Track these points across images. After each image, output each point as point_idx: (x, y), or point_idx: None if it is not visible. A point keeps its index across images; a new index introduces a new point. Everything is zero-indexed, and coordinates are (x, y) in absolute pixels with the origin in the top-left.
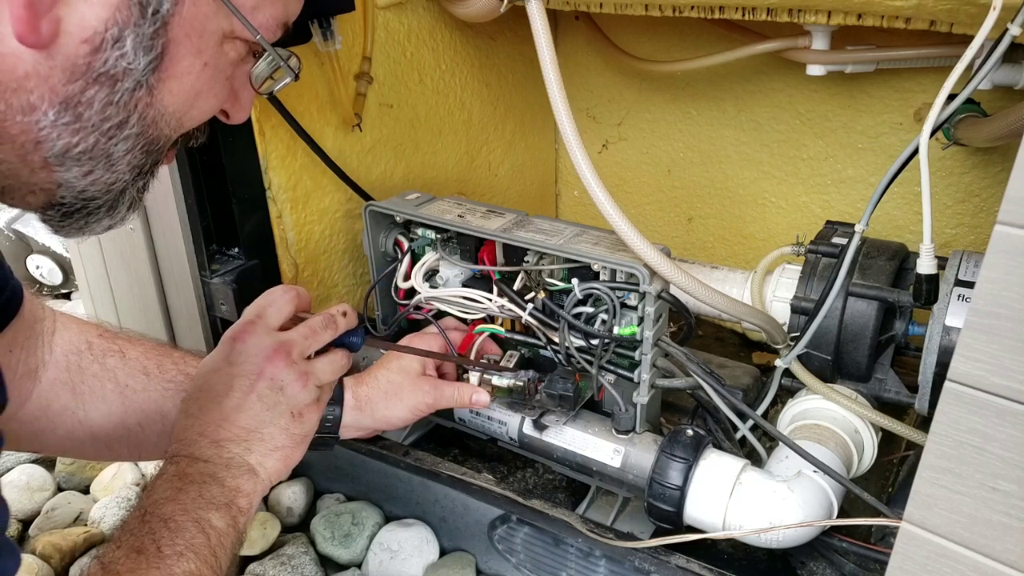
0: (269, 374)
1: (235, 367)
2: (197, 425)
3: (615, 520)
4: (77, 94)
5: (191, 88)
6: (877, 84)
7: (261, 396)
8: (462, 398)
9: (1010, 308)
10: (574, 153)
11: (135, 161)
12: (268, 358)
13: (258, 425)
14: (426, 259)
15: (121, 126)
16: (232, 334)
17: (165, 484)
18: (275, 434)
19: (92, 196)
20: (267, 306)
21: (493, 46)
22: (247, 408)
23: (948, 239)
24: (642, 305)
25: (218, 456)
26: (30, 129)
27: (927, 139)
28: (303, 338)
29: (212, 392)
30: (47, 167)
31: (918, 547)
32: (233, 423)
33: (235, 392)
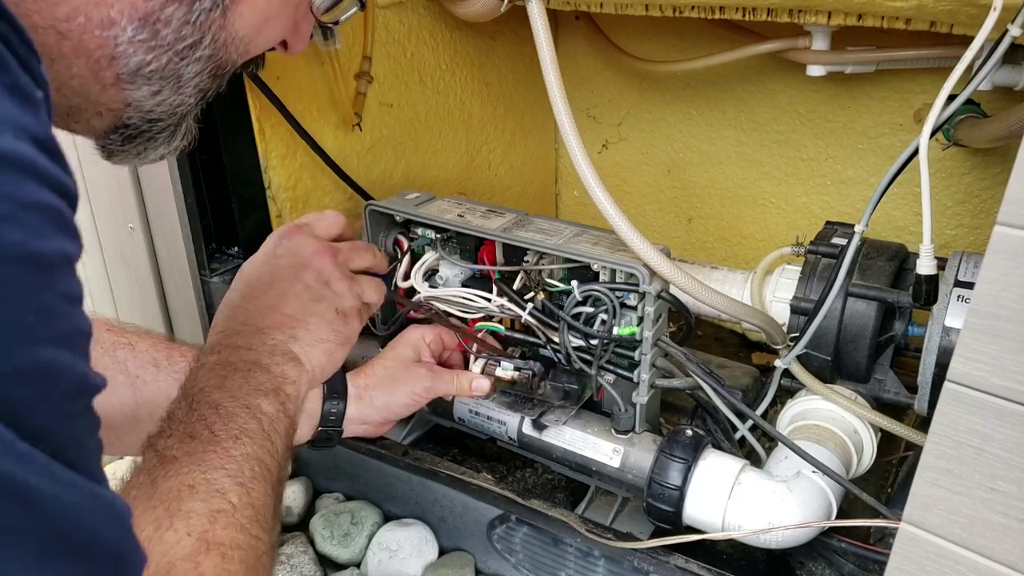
0: (316, 266)
1: (281, 259)
2: (239, 314)
3: (614, 520)
4: (156, 11)
5: (261, 13)
6: (877, 85)
7: (307, 286)
8: (461, 385)
9: (1010, 309)
10: (574, 153)
11: (202, 84)
12: (315, 252)
13: (303, 314)
14: (426, 259)
15: (194, 47)
16: (279, 232)
17: (208, 373)
18: (320, 326)
19: (158, 118)
20: (316, 220)
21: (493, 46)
22: (292, 296)
23: (948, 240)
24: (642, 305)
25: (261, 343)
26: (107, 44)
27: (927, 140)
28: (347, 250)
29: (256, 283)
30: (118, 84)
31: (917, 547)
32: (277, 310)
33: (280, 281)
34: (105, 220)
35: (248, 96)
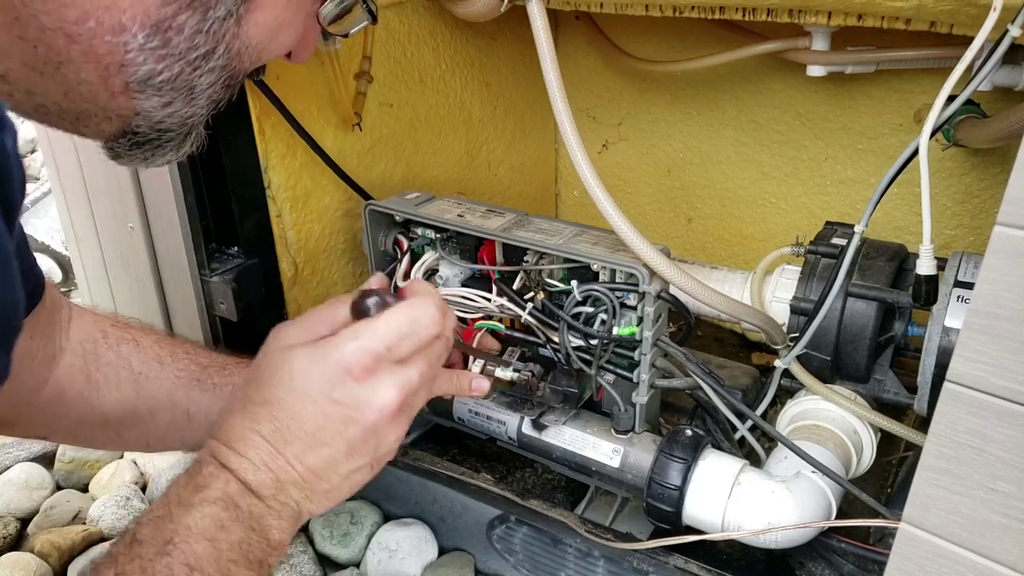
0: (375, 430)
1: (338, 408)
2: (264, 449)
3: (614, 520)
4: (169, 18)
5: (275, 20)
6: (877, 85)
7: (353, 447)
8: (461, 385)
9: (1009, 309)
10: (574, 153)
11: (215, 95)
12: (384, 416)
13: (330, 473)
14: (426, 258)
15: (207, 56)
16: (347, 361)
17: (207, 508)
18: (343, 486)
19: (167, 128)
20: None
21: (493, 46)
22: (332, 459)
23: (947, 240)
24: (641, 305)
25: (274, 498)
26: (117, 50)
27: (927, 140)
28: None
29: (296, 423)
30: (127, 92)
31: (916, 548)
32: (307, 467)
33: (326, 438)
34: (105, 220)
35: (248, 96)
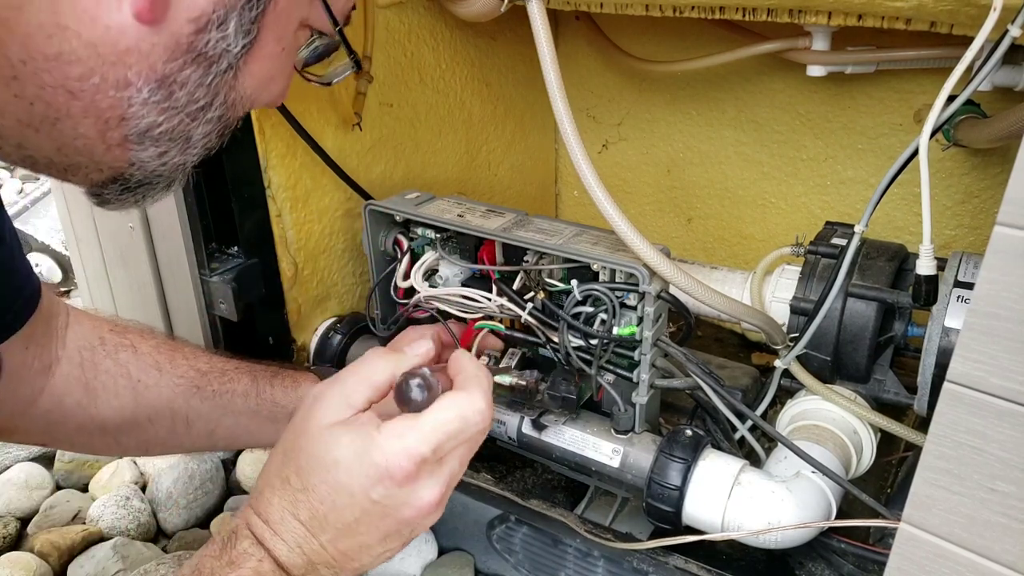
0: (412, 523)
1: (377, 507)
2: (300, 533)
3: (614, 520)
4: (174, 73)
5: (268, 72)
6: (877, 85)
7: (387, 536)
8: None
9: (1009, 309)
10: (574, 153)
11: (209, 144)
12: (422, 513)
13: (363, 555)
14: (426, 258)
15: (205, 108)
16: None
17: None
18: (372, 563)
19: (159, 175)
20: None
21: (493, 46)
22: (364, 545)
23: (947, 240)
24: (641, 305)
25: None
26: (119, 104)
27: (927, 140)
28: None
29: (334, 514)
30: (124, 144)
31: (916, 548)
32: (339, 550)
33: (362, 530)
34: (105, 220)
35: None
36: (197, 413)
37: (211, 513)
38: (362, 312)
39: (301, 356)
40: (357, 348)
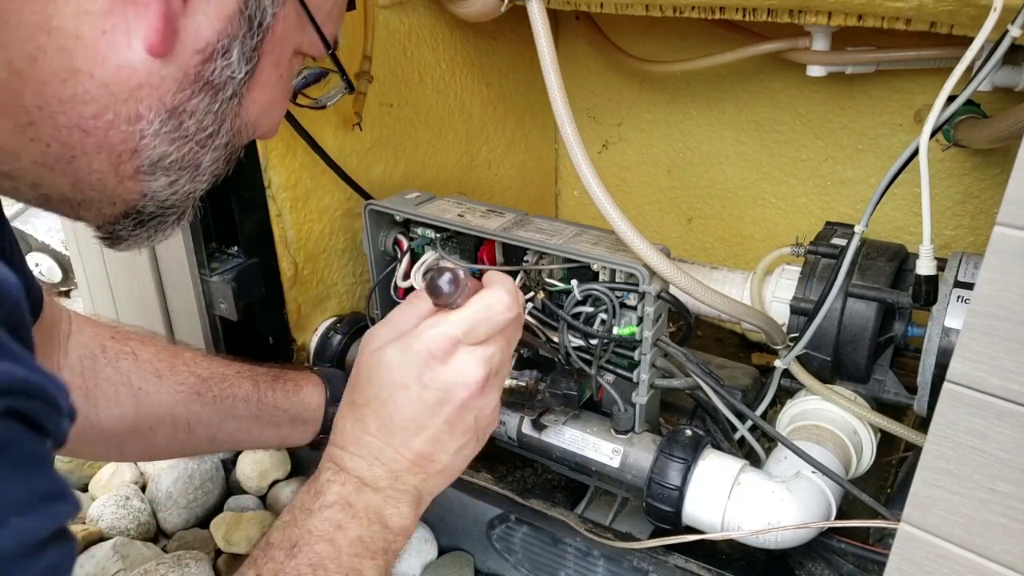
0: (469, 405)
1: (429, 391)
2: (374, 445)
3: (613, 520)
4: (183, 103)
5: (269, 98)
6: (877, 85)
7: (454, 428)
8: None
9: (1009, 309)
10: (574, 153)
11: (217, 171)
12: (472, 391)
13: (439, 453)
14: (426, 258)
15: (213, 136)
16: (430, 348)
17: (325, 512)
18: (455, 463)
19: (171, 204)
20: (483, 322)
21: (493, 45)
22: (436, 440)
23: (947, 240)
24: (641, 305)
25: (390, 487)
26: (131, 138)
27: (927, 140)
28: (503, 356)
29: (397, 413)
30: (136, 176)
31: (916, 548)
32: (415, 452)
33: (426, 421)
34: None
35: None
36: (198, 419)
37: (211, 513)
38: (362, 312)
39: (301, 356)
40: (357, 348)
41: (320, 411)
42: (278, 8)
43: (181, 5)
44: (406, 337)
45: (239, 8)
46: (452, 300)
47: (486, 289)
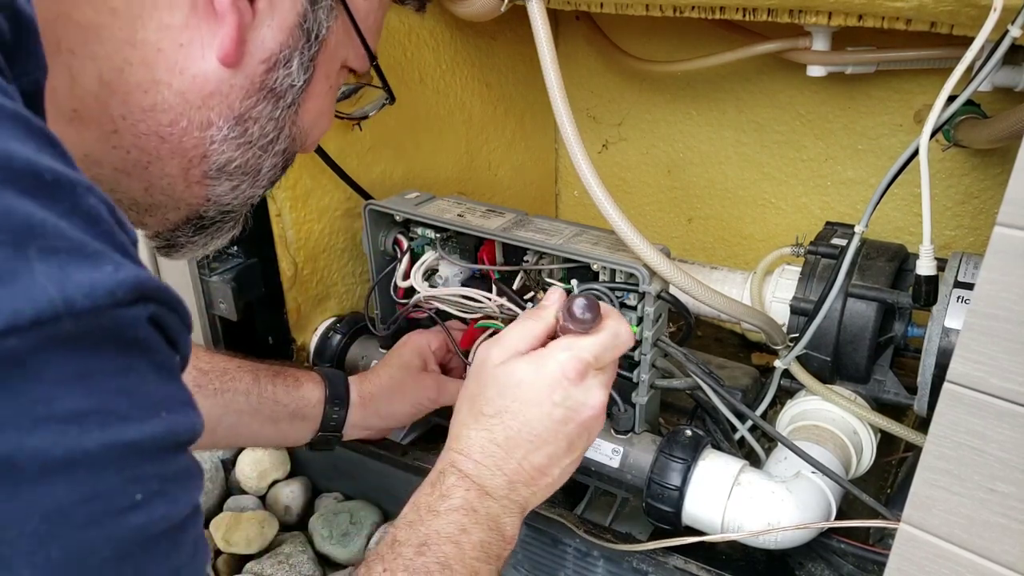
0: (589, 426)
1: (559, 409)
2: (499, 456)
3: (613, 520)
4: (249, 110)
5: (319, 108)
6: (877, 85)
7: (572, 442)
8: None
9: (1009, 310)
10: (574, 153)
11: (274, 176)
12: (596, 412)
13: (553, 468)
14: (425, 258)
15: (273, 141)
16: (564, 370)
17: (451, 515)
18: (561, 477)
19: (231, 209)
20: (610, 349)
21: (493, 46)
22: (554, 455)
23: (948, 241)
24: (641, 305)
25: (507, 497)
26: (202, 143)
27: (927, 141)
28: (612, 379)
29: (527, 427)
30: (203, 181)
31: (916, 548)
32: (534, 465)
33: (550, 437)
34: None
35: None
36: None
37: (211, 513)
38: (362, 312)
39: (301, 356)
40: (357, 348)
41: (320, 408)
42: (331, 22)
43: (251, 18)
44: (536, 356)
45: (299, 21)
46: (584, 326)
47: (610, 318)
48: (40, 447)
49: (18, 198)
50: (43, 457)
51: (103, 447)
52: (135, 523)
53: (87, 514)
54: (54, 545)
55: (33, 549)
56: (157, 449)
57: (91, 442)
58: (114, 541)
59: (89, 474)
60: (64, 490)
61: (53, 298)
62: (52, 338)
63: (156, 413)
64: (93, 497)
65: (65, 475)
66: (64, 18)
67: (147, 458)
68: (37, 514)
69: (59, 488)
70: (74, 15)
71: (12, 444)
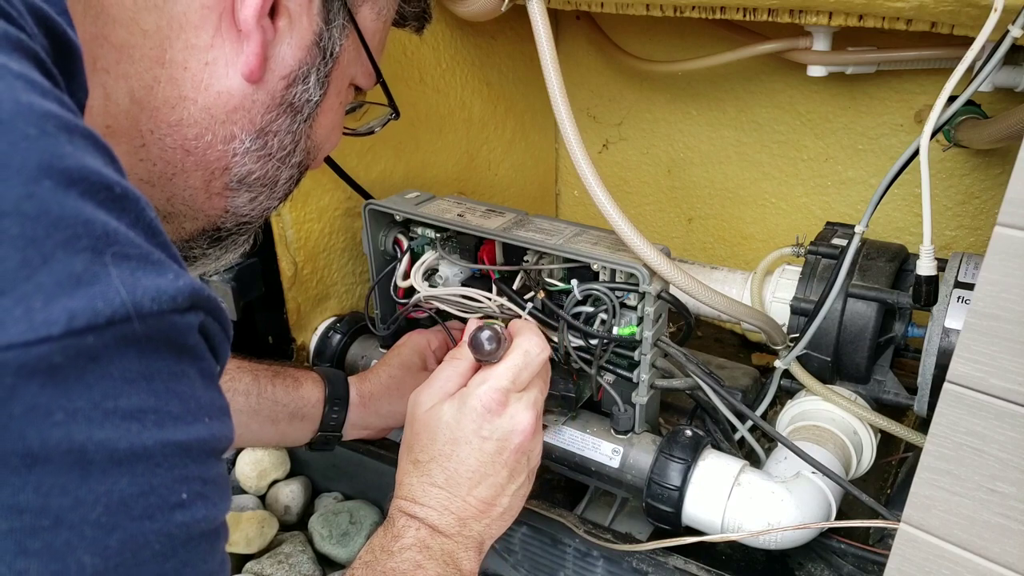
0: (524, 449)
1: (489, 442)
2: (442, 496)
3: (613, 520)
4: (270, 123)
5: (330, 123)
6: (878, 85)
7: (512, 471)
8: None
9: (1009, 310)
10: (574, 153)
11: (288, 189)
12: (527, 435)
13: (500, 498)
14: (425, 258)
15: (290, 154)
16: (484, 403)
17: (405, 553)
18: (513, 504)
19: (248, 220)
20: (523, 368)
21: (494, 45)
22: (497, 485)
23: (948, 241)
24: (642, 305)
25: (459, 534)
26: (225, 156)
27: (927, 141)
28: (542, 394)
29: (462, 465)
30: (223, 192)
31: (916, 549)
32: (480, 499)
33: (487, 470)
34: None
35: None
36: None
37: None
38: (362, 312)
39: (300, 356)
40: (357, 348)
41: (319, 408)
42: (344, 40)
43: (272, 36)
44: (458, 396)
45: (315, 40)
46: (495, 356)
47: (518, 337)
48: (108, 439)
49: (96, 209)
50: (110, 449)
51: (159, 444)
52: (181, 520)
53: (143, 507)
54: (114, 534)
55: (96, 536)
56: (200, 452)
57: (150, 439)
58: (164, 536)
59: (146, 469)
60: (126, 482)
61: (125, 300)
62: (123, 338)
63: (201, 418)
64: (149, 491)
65: (128, 468)
66: (100, 39)
67: (192, 460)
68: (102, 504)
69: (122, 480)
70: (109, 37)
71: (84, 435)
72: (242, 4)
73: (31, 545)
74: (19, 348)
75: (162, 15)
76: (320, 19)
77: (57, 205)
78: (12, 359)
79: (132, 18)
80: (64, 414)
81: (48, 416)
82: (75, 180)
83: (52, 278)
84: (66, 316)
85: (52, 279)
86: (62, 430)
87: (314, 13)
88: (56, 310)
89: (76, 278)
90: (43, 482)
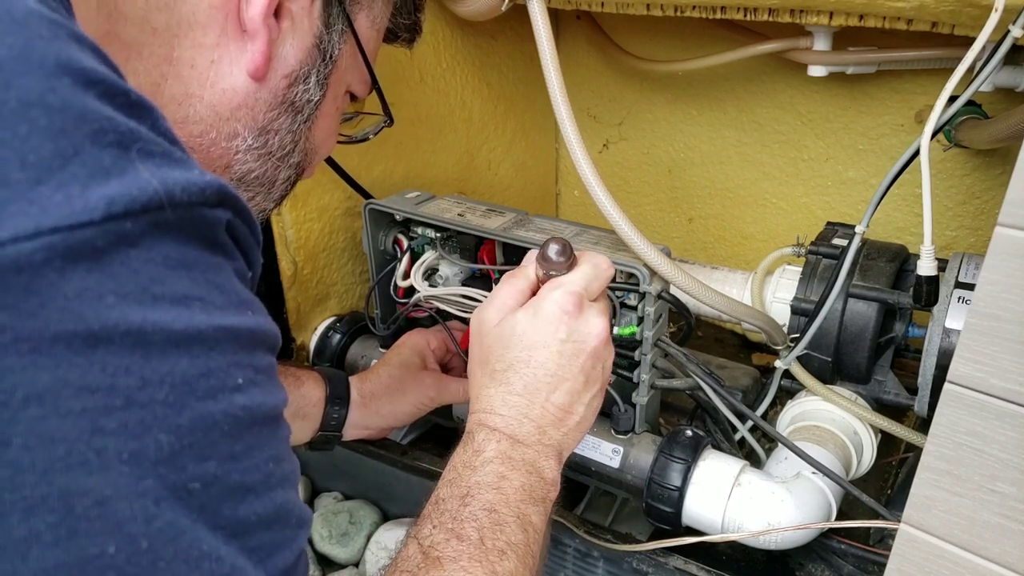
0: (599, 355)
1: (568, 344)
2: (521, 404)
3: (613, 521)
4: (271, 122)
5: (327, 127)
6: (878, 85)
7: (588, 377)
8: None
9: (1010, 310)
10: (575, 153)
11: (284, 191)
12: (602, 340)
13: (576, 405)
14: (426, 258)
15: (289, 154)
16: (561, 306)
17: (488, 466)
18: (588, 414)
19: None
20: (594, 279)
21: (494, 45)
22: (574, 391)
23: (948, 241)
24: (642, 305)
25: (539, 442)
26: (227, 153)
27: (928, 141)
28: (607, 308)
29: (541, 370)
30: None
31: (916, 549)
32: (557, 405)
33: (565, 373)
34: None
35: None
36: None
37: None
38: (362, 311)
39: (300, 355)
40: (356, 348)
41: (320, 407)
42: (342, 45)
43: (277, 35)
44: (530, 304)
45: (315, 42)
46: (563, 267)
47: (585, 254)
48: (162, 321)
49: (116, 111)
50: (167, 330)
51: (212, 328)
52: (242, 403)
53: (206, 388)
54: (184, 413)
55: (168, 416)
56: (249, 341)
57: (202, 322)
58: (230, 417)
59: (202, 351)
60: (186, 363)
61: (157, 189)
62: (159, 224)
63: (244, 311)
64: (207, 373)
65: (186, 349)
66: (112, 36)
67: (241, 348)
68: (167, 384)
69: (182, 360)
70: (120, 34)
71: (140, 316)
72: (248, 4)
73: (106, 424)
74: (64, 231)
75: (172, 14)
76: (320, 22)
77: (80, 101)
78: (59, 241)
79: (143, 16)
80: (115, 297)
81: (101, 299)
82: (92, 81)
83: (85, 169)
84: (104, 202)
85: (85, 170)
86: (117, 312)
87: (315, 16)
88: (94, 197)
89: (106, 170)
90: (108, 362)
